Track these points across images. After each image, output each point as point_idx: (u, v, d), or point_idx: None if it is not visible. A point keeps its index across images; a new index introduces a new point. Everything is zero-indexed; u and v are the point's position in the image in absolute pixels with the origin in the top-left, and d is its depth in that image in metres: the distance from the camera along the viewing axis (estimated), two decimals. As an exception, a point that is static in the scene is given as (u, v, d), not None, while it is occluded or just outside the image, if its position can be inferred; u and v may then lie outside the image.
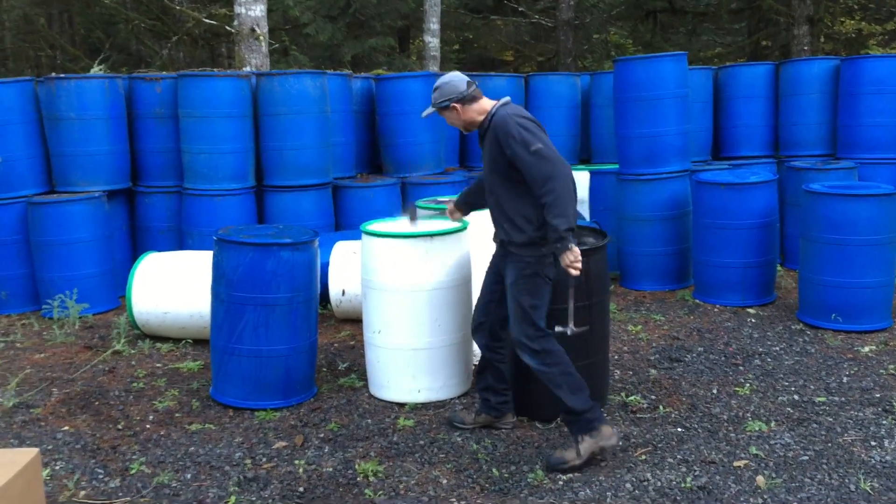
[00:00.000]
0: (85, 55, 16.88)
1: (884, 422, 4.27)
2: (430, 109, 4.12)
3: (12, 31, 21.31)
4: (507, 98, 4.03)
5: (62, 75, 7.02)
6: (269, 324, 4.55)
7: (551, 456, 3.87)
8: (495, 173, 3.93)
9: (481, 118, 3.98)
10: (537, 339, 3.86)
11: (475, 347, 5.24)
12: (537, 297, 3.88)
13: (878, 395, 4.60)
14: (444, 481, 3.77)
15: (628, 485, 3.69)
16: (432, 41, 12.08)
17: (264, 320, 4.54)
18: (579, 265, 3.68)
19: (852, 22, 15.92)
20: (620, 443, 3.98)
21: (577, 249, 3.69)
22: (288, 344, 4.61)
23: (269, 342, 4.57)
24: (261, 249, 4.52)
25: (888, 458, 3.87)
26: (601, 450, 3.84)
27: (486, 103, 4.00)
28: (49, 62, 19.91)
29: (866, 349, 5.35)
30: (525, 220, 3.86)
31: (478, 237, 5.18)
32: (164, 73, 8.21)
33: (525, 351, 3.89)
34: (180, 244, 7.11)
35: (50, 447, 4.20)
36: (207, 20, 10.56)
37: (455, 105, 3.98)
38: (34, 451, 2.94)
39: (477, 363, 4.43)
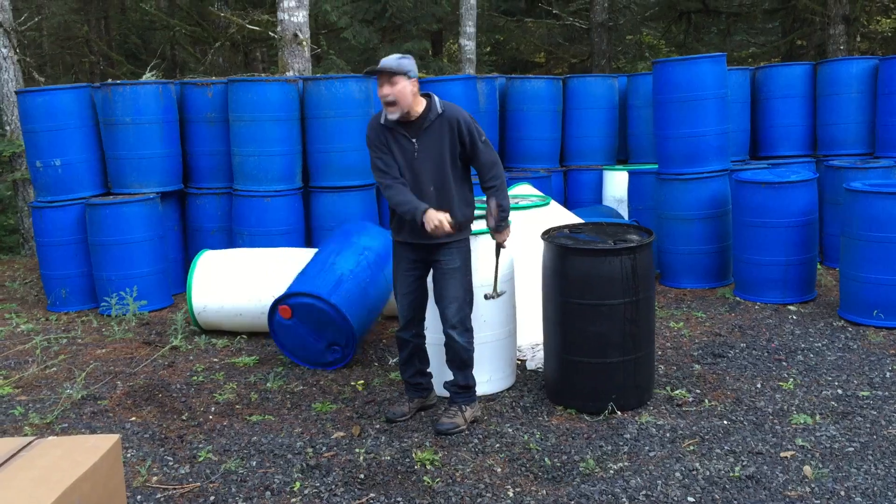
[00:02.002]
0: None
1: (928, 415, 4.34)
2: (391, 66, 3.99)
3: (50, 38, 21.83)
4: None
5: (118, 81, 7.28)
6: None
7: (440, 423, 4.30)
8: (447, 162, 4.12)
9: (420, 108, 4.10)
10: (469, 319, 4.30)
11: (520, 342, 5.41)
12: (471, 279, 4.32)
13: (921, 390, 4.67)
14: (499, 470, 3.92)
15: (678, 474, 3.81)
16: (468, 44, 12.22)
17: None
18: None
19: (888, 21, 15.82)
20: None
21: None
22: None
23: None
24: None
25: (933, 449, 3.95)
26: (475, 419, 4.40)
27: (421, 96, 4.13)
28: (88, 68, 20.36)
29: (909, 345, 5.41)
30: (467, 203, 4.25)
31: (521, 236, 5.33)
32: (212, 78, 8.44)
33: (461, 331, 4.24)
34: (230, 244, 7.33)
35: (120, 435, 4.40)
36: (250, 26, 10.80)
37: (414, 80, 4.05)
38: (115, 437, 3.12)
39: (402, 355, 4.52)
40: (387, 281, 5.57)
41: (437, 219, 3.99)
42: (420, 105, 4.10)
